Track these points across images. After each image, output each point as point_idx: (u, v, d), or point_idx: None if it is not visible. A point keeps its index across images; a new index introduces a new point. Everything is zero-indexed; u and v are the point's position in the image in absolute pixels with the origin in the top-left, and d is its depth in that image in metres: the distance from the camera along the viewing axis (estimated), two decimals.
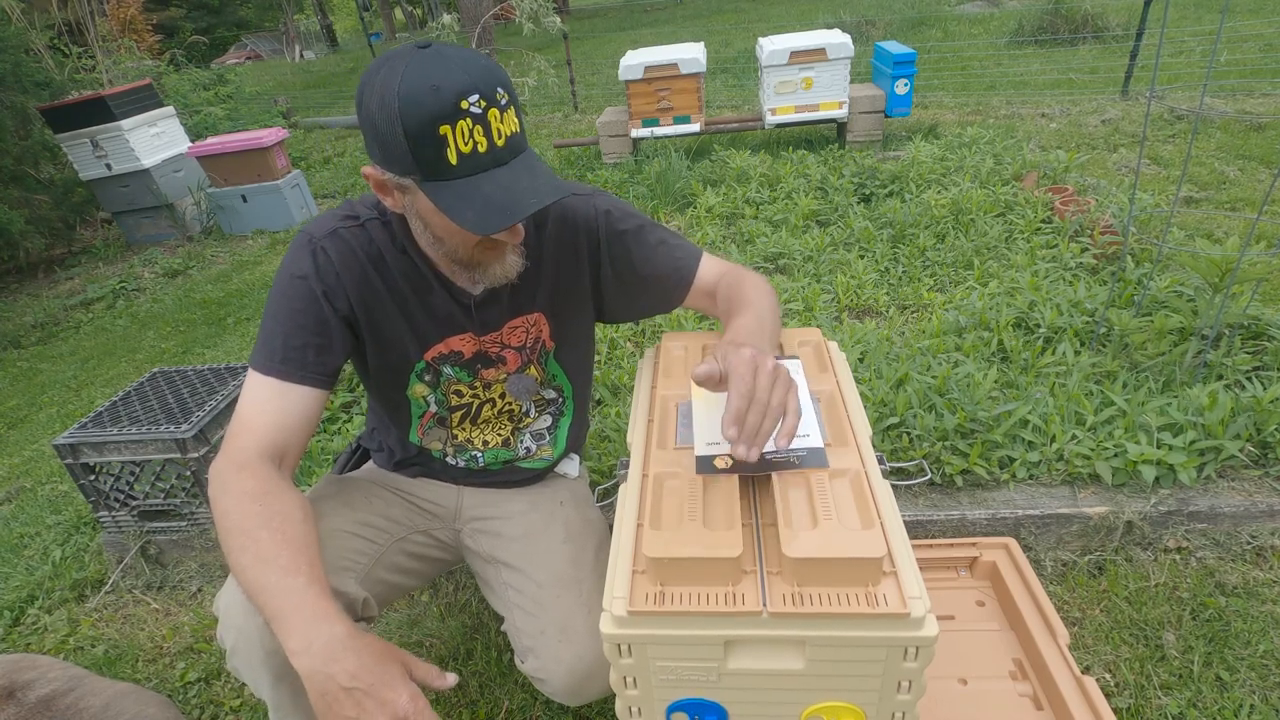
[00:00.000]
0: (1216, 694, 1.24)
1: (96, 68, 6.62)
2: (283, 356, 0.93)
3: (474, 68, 0.81)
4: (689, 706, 0.76)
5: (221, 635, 0.93)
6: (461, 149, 0.80)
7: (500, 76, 0.83)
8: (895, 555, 0.71)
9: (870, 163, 3.51)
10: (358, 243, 0.98)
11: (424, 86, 0.78)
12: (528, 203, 0.83)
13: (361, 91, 0.83)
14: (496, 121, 0.82)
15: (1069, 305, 2.07)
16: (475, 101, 0.79)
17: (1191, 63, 5.15)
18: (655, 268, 1.08)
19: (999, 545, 1.33)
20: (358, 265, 0.98)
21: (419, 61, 0.79)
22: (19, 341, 3.93)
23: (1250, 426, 1.54)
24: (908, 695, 0.72)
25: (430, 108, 0.78)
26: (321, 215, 1.02)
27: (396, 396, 1.11)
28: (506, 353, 1.11)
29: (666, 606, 0.70)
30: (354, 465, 1.30)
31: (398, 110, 0.78)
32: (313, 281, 0.95)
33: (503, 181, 0.83)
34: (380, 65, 0.82)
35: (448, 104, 0.78)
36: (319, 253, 0.96)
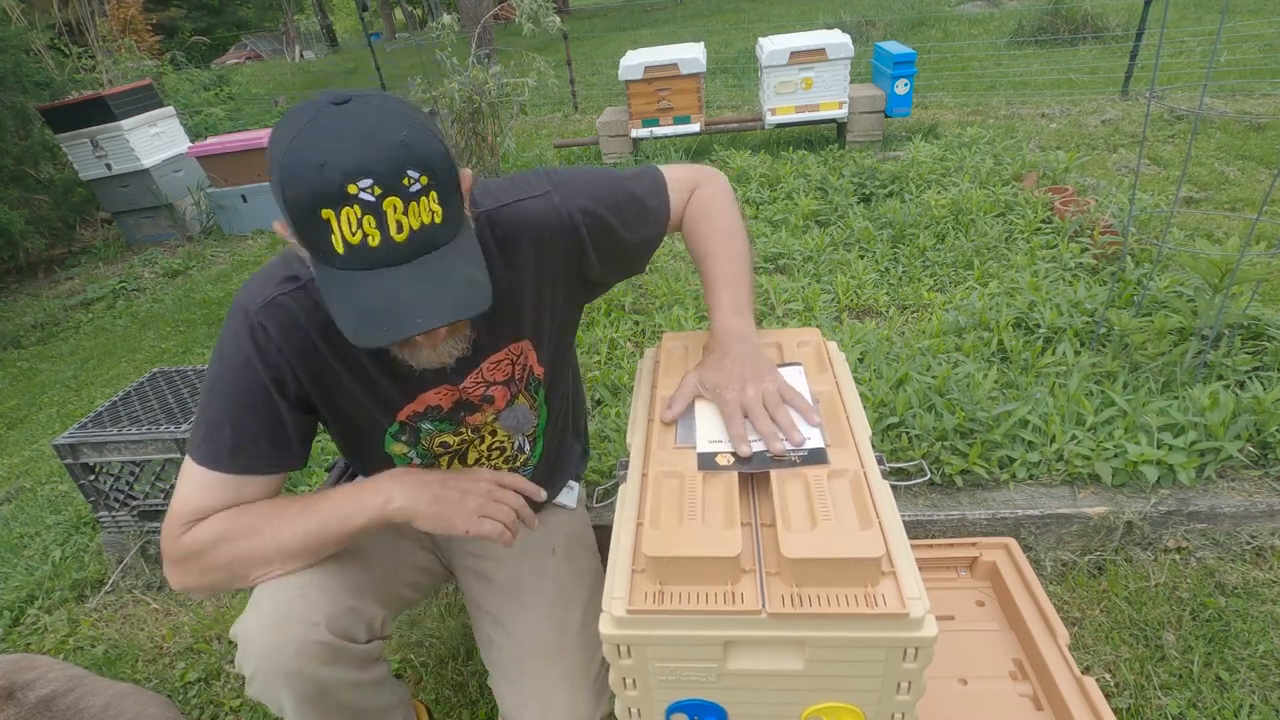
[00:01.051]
0: (1216, 694, 1.24)
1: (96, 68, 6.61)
2: (232, 450, 0.85)
3: (381, 143, 0.68)
4: (688, 707, 0.76)
5: (240, 662, 0.89)
6: (348, 238, 0.68)
7: (420, 156, 0.69)
8: (894, 555, 0.71)
9: (870, 163, 3.51)
10: (301, 309, 0.85)
11: (310, 160, 0.67)
12: (410, 322, 0.71)
13: (269, 141, 0.73)
14: (396, 213, 0.68)
15: (1069, 305, 2.07)
16: (367, 188, 0.67)
17: (1191, 63, 5.14)
18: (638, 243, 1.03)
19: (999, 545, 1.33)
20: (303, 337, 0.86)
21: (319, 125, 0.68)
22: (19, 341, 3.92)
23: (1250, 427, 1.54)
24: (907, 696, 0.72)
25: (312, 185, 0.67)
26: (257, 275, 0.89)
27: (371, 456, 1.03)
28: (493, 390, 1.01)
29: (665, 605, 0.70)
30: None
31: (279, 180, 0.68)
32: (256, 366, 0.84)
33: (391, 287, 0.70)
34: (287, 118, 0.72)
35: (332, 185, 0.66)
36: (258, 331, 0.84)
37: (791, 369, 1.00)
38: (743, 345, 0.97)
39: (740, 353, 0.96)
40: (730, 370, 0.94)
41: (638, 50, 4.31)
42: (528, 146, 4.90)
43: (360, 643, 0.93)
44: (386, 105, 0.71)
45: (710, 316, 1.02)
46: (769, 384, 0.92)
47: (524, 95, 3.68)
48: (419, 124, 0.71)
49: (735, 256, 1.02)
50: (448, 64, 3.42)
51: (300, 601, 0.87)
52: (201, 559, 0.86)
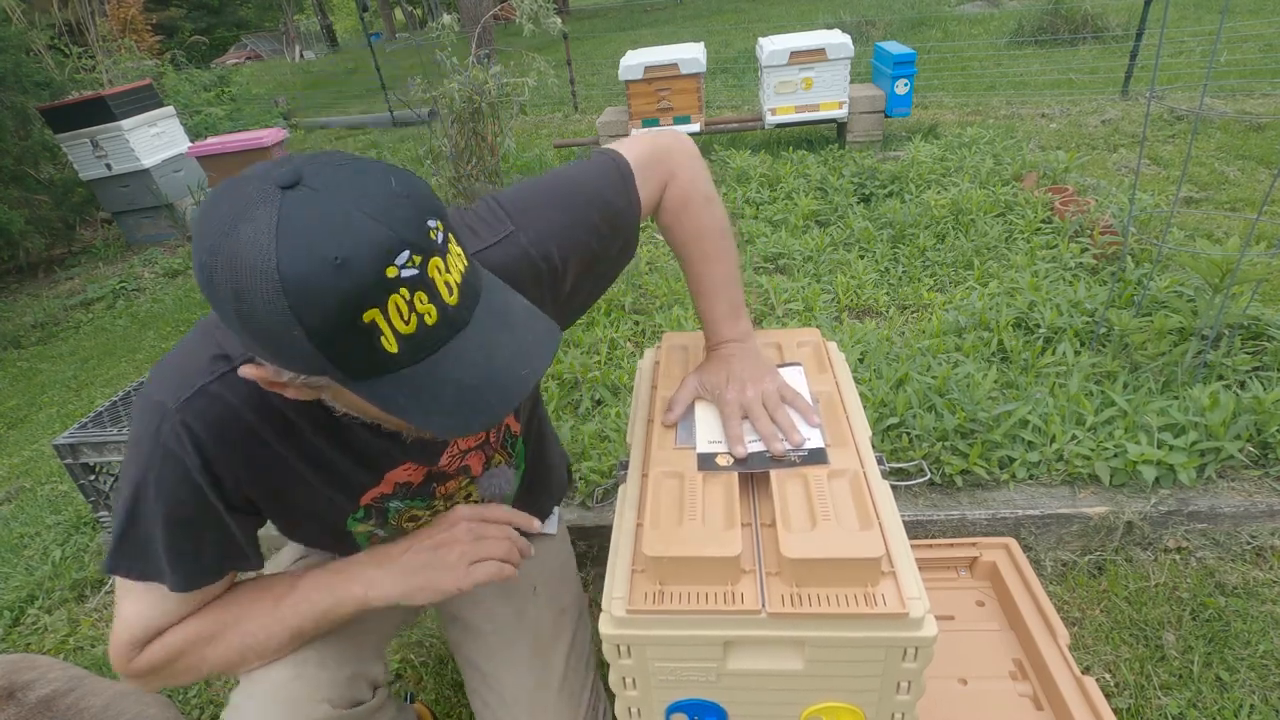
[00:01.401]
0: (1216, 694, 1.24)
1: (96, 68, 6.62)
2: (173, 567, 0.72)
3: (385, 204, 0.54)
4: (688, 707, 0.76)
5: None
6: (402, 330, 0.55)
7: (422, 199, 0.58)
8: (894, 555, 0.71)
9: (870, 163, 3.51)
10: (237, 398, 0.69)
11: (321, 265, 0.51)
12: (518, 375, 0.61)
13: (208, 263, 0.53)
14: (441, 274, 0.56)
15: (1069, 305, 2.07)
16: (405, 262, 0.53)
17: (1191, 63, 5.14)
18: (615, 256, 0.93)
19: (999, 545, 1.33)
20: (242, 431, 0.70)
21: (292, 222, 0.51)
22: (19, 341, 3.93)
23: (1251, 427, 1.54)
24: (907, 695, 0.72)
25: (340, 294, 0.51)
26: (173, 356, 0.72)
27: (331, 542, 0.92)
28: (469, 459, 0.90)
29: (665, 606, 0.70)
30: None
31: (287, 308, 0.51)
32: (185, 474, 0.69)
33: (474, 354, 0.59)
34: (227, 221, 0.53)
35: (366, 280, 0.52)
36: (183, 433, 0.68)
37: (791, 369, 1.00)
38: (742, 347, 0.96)
39: (740, 354, 0.96)
40: (730, 371, 0.94)
41: (638, 50, 4.31)
42: (528, 146, 4.90)
43: (367, 701, 0.88)
44: (344, 163, 0.57)
45: (705, 320, 0.99)
46: (769, 384, 0.92)
47: (524, 95, 3.68)
48: (388, 168, 0.59)
49: (726, 256, 0.98)
50: (448, 64, 3.42)
51: (298, 682, 0.81)
52: (163, 672, 0.78)
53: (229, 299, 0.53)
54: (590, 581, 1.64)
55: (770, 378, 0.93)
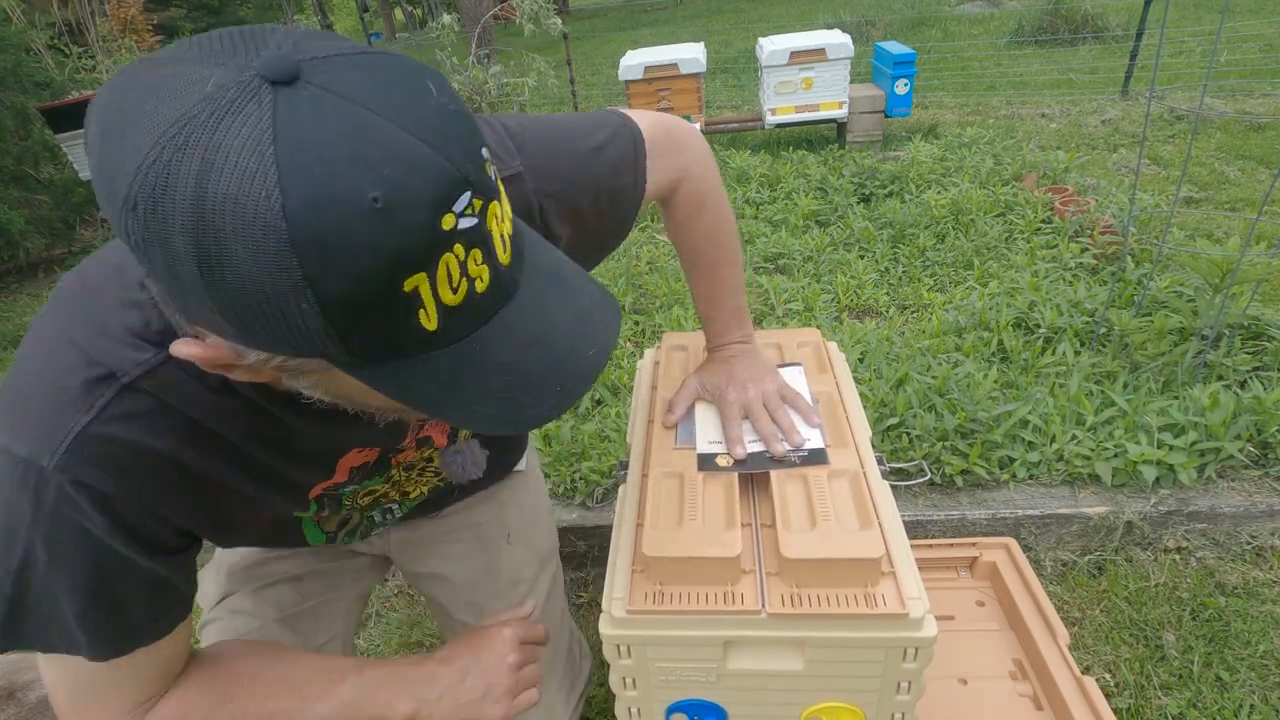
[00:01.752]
0: (1216, 694, 1.24)
1: (96, 68, 6.62)
2: (90, 635, 0.56)
3: (438, 121, 0.39)
4: (688, 707, 0.76)
5: None
6: (447, 301, 0.40)
7: (471, 120, 0.42)
8: (894, 556, 0.71)
9: (870, 163, 3.51)
10: (136, 429, 0.52)
11: (352, 209, 0.35)
12: (586, 355, 0.48)
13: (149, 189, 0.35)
14: (498, 223, 0.43)
15: (1069, 305, 2.07)
16: (466, 206, 0.39)
17: (1191, 63, 5.15)
18: (612, 229, 0.79)
19: (999, 545, 1.33)
20: (153, 466, 0.54)
21: (299, 133, 0.35)
22: (19, 341, 3.93)
23: (1251, 427, 1.54)
24: (907, 695, 0.72)
25: (379, 251, 0.36)
26: (20, 386, 0.55)
27: (274, 536, 0.80)
28: (431, 429, 0.77)
29: (665, 606, 0.70)
30: None
31: (296, 268, 0.35)
32: (98, 535, 0.53)
33: (530, 328, 0.46)
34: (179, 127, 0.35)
35: (418, 233, 0.37)
36: (76, 494, 0.51)
37: (791, 369, 1.00)
38: (744, 348, 0.96)
39: (741, 355, 0.96)
40: (731, 373, 0.94)
41: (638, 50, 4.31)
42: None
43: None
44: (355, 53, 0.39)
45: (709, 322, 0.98)
46: (769, 385, 0.92)
47: (524, 95, 3.69)
48: (420, 66, 0.42)
49: (735, 259, 0.96)
50: (448, 64, 3.42)
51: None
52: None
53: (185, 248, 0.35)
54: (590, 581, 1.64)
55: (771, 378, 0.93)
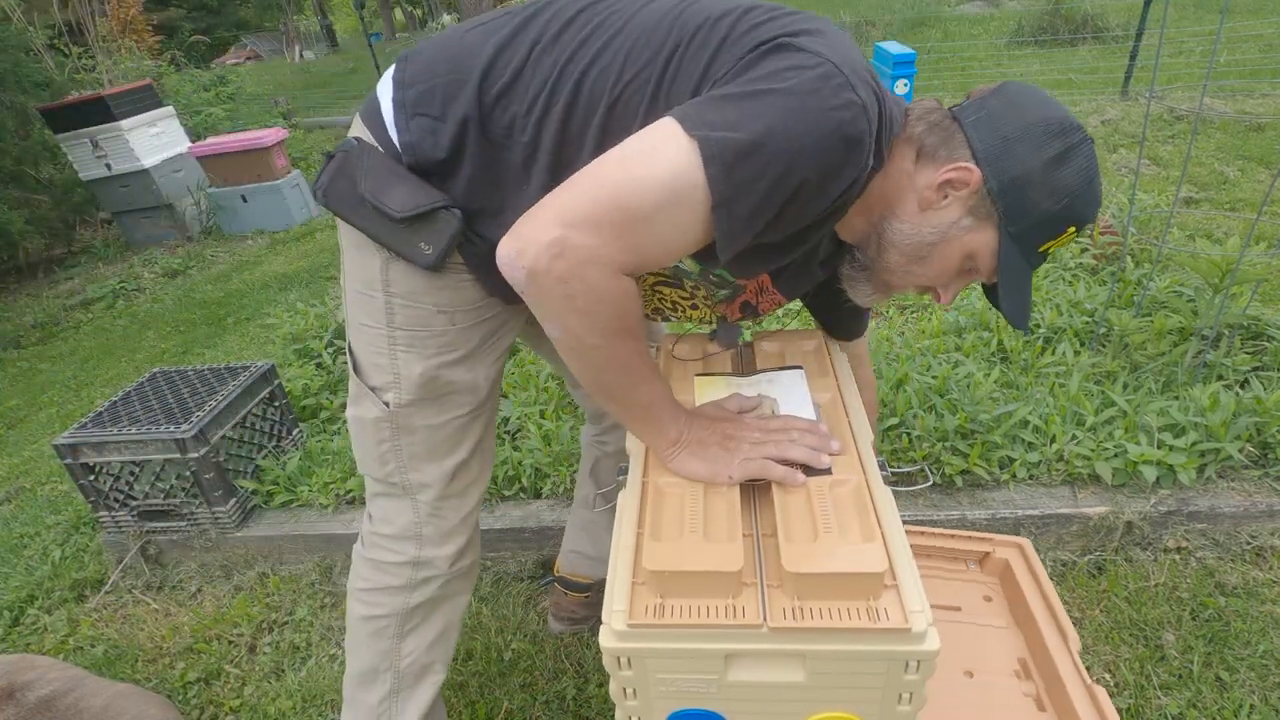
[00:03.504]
0: (1216, 694, 1.24)
1: (96, 68, 6.61)
2: (746, 222, 0.70)
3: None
4: (689, 717, 0.76)
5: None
6: (1055, 247, 0.79)
7: None
8: (896, 568, 0.71)
9: None
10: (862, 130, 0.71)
11: (1093, 192, 0.78)
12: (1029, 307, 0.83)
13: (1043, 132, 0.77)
14: None
15: (1069, 305, 2.07)
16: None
17: (1191, 63, 5.14)
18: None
19: (1013, 544, 1.32)
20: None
21: (1092, 157, 0.79)
22: (19, 341, 3.92)
23: (1251, 427, 1.54)
24: (908, 707, 0.72)
25: (1086, 209, 0.78)
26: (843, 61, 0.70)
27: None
28: (745, 297, 0.97)
29: (666, 619, 0.70)
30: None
31: (1076, 193, 0.76)
32: (854, 155, 0.70)
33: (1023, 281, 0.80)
34: (1077, 141, 0.77)
35: (1088, 215, 0.78)
36: (861, 124, 0.69)
37: (792, 372, 1.00)
38: None
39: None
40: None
41: None
42: None
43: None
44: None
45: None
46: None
47: None
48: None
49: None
50: None
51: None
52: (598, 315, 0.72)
53: (1056, 163, 0.76)
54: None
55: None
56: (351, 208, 0.85)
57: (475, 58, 0.81)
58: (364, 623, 1.08)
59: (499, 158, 0.83)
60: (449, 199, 0.83)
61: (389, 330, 0.92)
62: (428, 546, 1.03)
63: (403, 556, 1.03)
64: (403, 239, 0.84)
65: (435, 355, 0.93)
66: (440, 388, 0.95)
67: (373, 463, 1.01)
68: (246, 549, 1.82)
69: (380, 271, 0.90)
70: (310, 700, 1.46)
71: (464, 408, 0.98)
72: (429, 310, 0.91)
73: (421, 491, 1.01)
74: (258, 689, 1.51)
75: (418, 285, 0.90)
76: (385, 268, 0.90)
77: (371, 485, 1.04)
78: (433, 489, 1.01)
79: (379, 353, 0.94)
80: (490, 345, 0.98)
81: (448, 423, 0.98)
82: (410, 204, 0.82)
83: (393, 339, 0.93)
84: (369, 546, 1.06)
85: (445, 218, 0.83)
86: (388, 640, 1.07)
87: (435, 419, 0.97)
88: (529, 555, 1.71)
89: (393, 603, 1.05)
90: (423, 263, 0.85)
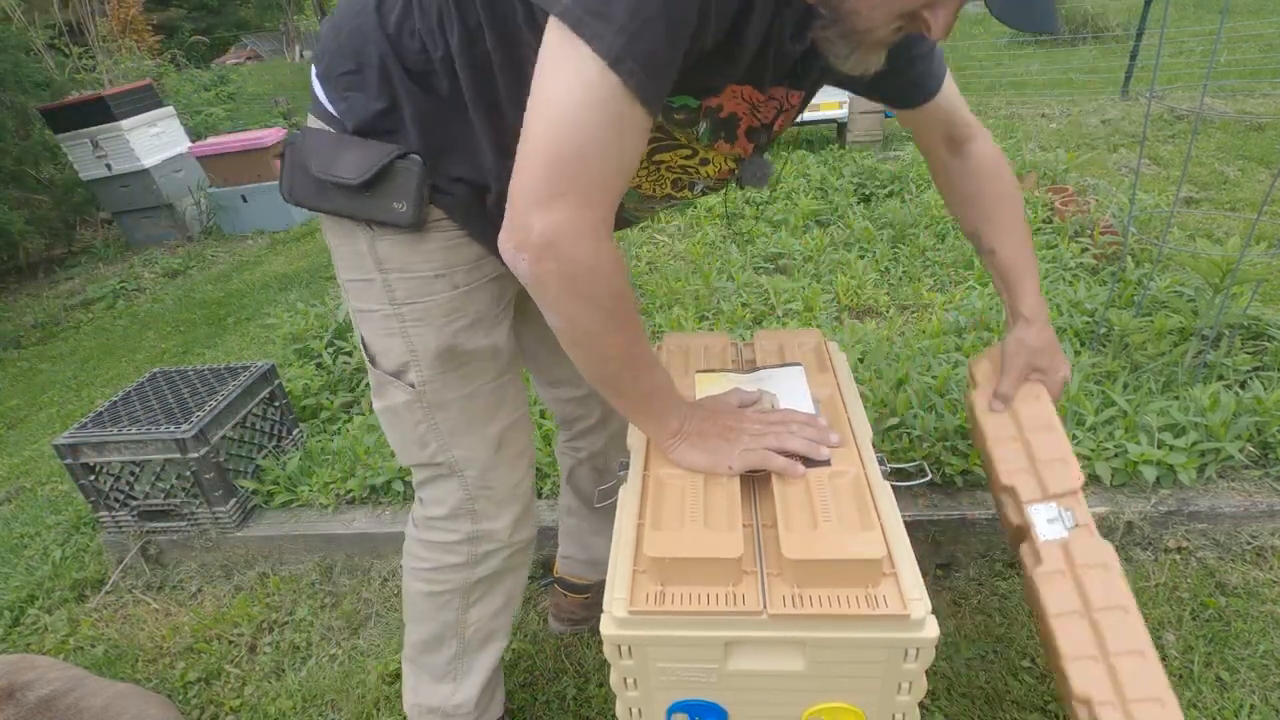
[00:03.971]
0: (1216, 694, 1.24)
1: (97, 68, 6.62)
2: (648, 68, 0.64)
3: None
4: (690, 707, 0.77)
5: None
6: None
7: None
8: (895, 556, 0.71)
9: (870, 163, 3.51)
10: None
11: None
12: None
13: None
14: None
15: (1069, 305, 2.07)
16: None
17: (1191, 63, 5.15)
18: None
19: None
20: None
21: None
22: (19, 341, 3.92)
23: (1251, 427, 1.54)
24: (908, 696, 0.72)
25: None
26: None
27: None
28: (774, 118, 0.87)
29: (667, 606, 0.70)
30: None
31: None
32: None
33: None
34: None
35: None
36: None
37: (791, 369, 1.00)
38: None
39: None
40: (1055, 342, 1.03)
41: None
42: None
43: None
44: None
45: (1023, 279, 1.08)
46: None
47: None
48: None
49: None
50: None
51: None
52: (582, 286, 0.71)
53: None
54: None
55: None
56: (316, 194, 0.84)
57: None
58: (427, 598, 1.08)
59: (430, 85, 0.80)
60: (402, 148, 0.81)
61: (394, 308, 0.91)
62: (484, 520, 1.03)
63: (460, 535, 1.03)
64: (374, 205, 0.82)
65: (447, 323, 0.91)
66: (460, 357, 0.93)
67: (413, 448, 0.99)
68: (247, 549, 1.82)
69: (369, 252, 0.88)
70: (310, 700, 1.46)
71: (489, 374, 0.97)
72: (428, 277, 0.89)
73: (469, 467, 0.99)
74: (258, 689, 1.51)
75: (409, 254, 0.88)
76: (373, 246, 0.88)
77: (417, 473, 1.03)
78: (478, 462, 0.99)
79: (390, 334, 0.92)
80: (503, 308, 0.97)
81: (477, 390, 0.96)
82: (364, 166, 0.80)
83: (400, 316, 0.91)
84: (423, 529, 1.06)
85: (404, 167, 0.81)
86: (453, 612, 1.08)
87: (464, 389, 0.95)
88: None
89: (456, 578, 1.06)
90: (404, 222, 0.83)
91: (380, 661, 1.51)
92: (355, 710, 1.42)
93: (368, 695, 1.44)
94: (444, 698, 1.13)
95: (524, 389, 1.05)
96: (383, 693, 1.44)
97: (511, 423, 1.01)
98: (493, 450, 1.00)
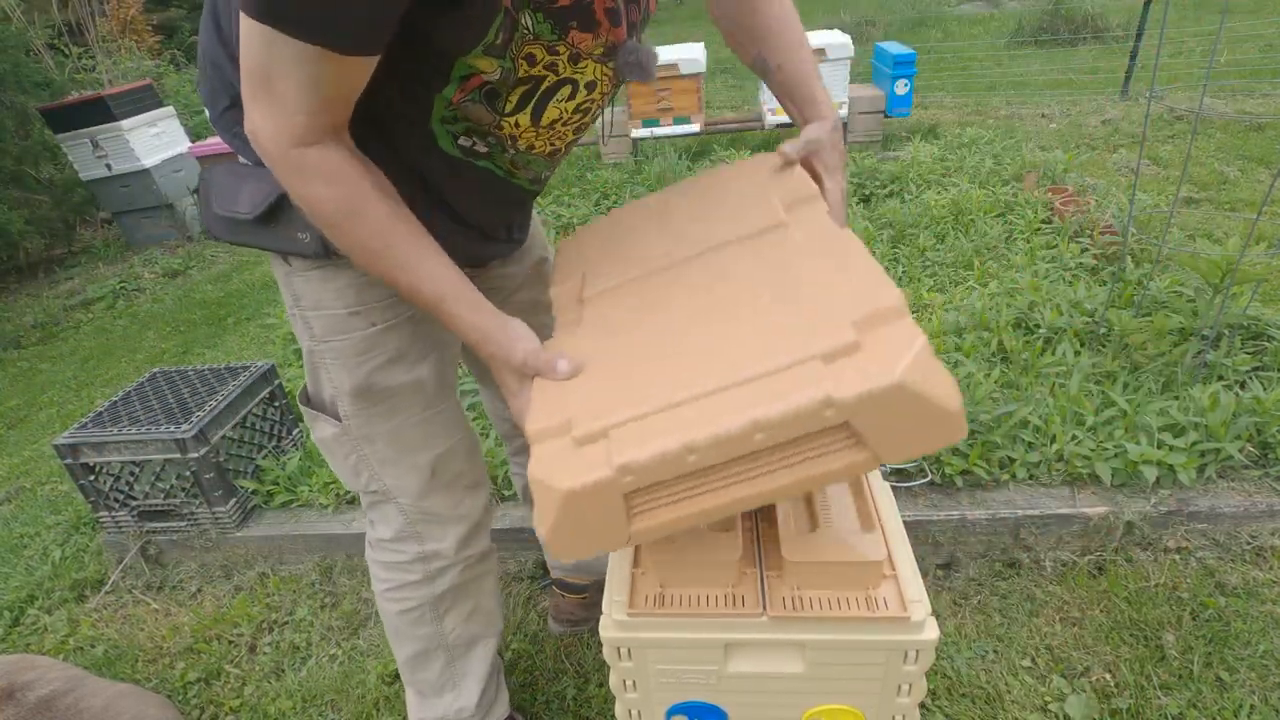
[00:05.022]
0: (1216, 694, 1.24)
1: (96, 68, 6.61)
2: (354, 30, 0.60)
3: None
4: (689, 709, 0.76)
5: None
6: None
7: None
8: (895, 558, 0.71)
9: (870, 163, 3.50)
10: None
11: None
12: None
13: None
14: None
15: (1069, 305, 2.07)
16: None
17: (1191, 63, 5.14)
18: None
19: None
20: None
21: None
22: (19, 341, 3.92)
23: (1251, 427, 1.54)
24: (907, 698, 0.72)
25: None
26: None
27: (439, 81, 0.72)
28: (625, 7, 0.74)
29: (666, 608, 0.70)
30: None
31: None
32: None
33: None
34: None
35: None
36: None
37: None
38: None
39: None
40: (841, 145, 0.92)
41: None
42: None
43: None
44: None
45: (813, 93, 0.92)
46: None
47: None
48: None
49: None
50: None
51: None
52: (319, 191, 0.68)
53: None
54: None
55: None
56: (228, 229, 0.81)
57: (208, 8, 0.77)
58: (400, 616, 1.09)
59: None
60: None
61: (313, 345, 0.89)
62: (429, 541, 1.03)
63: (409, 555, 1.04)
64: (279, 237, 0.79)
65: (361, 362, 0.88)
66: (378, 395, 0.91)
67: (349, 476, 1.00)
68: (246, 549, 1.82)
69: (287, 287, 0.87)
70: (310, 700, 1.46)
71: (414, 408, 0.94)
72: (341, 315, 0.86)
73: (402, 495, 0.99)
74: (258, 689, 1.51)
75: (321, 291, 0.85)
76: (289, 281, 0.86)
77: (362, 498, 1.03)
78: (411, 490, 0.98)
79: (314, 368, 0.92)
80: (425, 342, 0.93)
81: (402, 424, 0.94)
82: (257, 199, 0.77)
83: (319, 354, 0.90)
84: (377, 550, 1.07)
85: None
86: (428, 625, 1.08)
87: (388, 423, 0.94)
88: (529, 555, 1.72)
89: (419, 594, 1.06)
90: (309, 251, 0.79)
91: (380, 662, 1.51)
92: (355, 710, 1.42)
93: (367, 695, 1.44)
94: (446, 706, 1.15)
95: (460, 414, 1.03)
96: (382, 693, 1.44)
97: (445, 450, 0.99)
98: (425, 478, 0.98)
